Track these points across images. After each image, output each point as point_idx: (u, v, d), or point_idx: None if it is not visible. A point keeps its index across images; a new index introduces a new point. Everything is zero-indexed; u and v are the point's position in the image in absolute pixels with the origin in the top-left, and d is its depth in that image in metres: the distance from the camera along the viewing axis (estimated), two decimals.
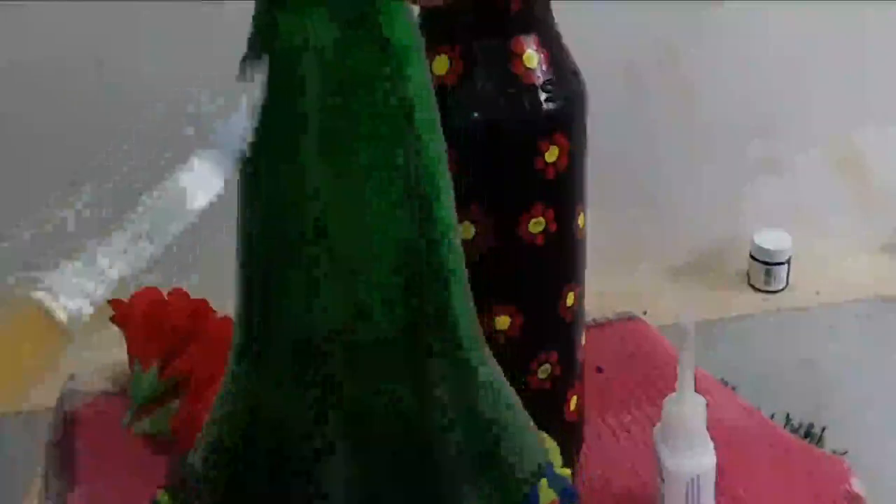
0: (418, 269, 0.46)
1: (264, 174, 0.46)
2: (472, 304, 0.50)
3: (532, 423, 0.54)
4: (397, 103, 0.45)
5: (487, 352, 0.51)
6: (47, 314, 0.36)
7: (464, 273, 0.49)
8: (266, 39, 0.44)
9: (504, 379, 0.52)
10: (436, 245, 0.47)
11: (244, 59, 0.45)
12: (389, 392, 0.47)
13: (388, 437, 0.47)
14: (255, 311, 0.48)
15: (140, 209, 0.39)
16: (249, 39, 0.45)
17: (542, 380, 0.65)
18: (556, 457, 0.54)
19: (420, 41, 0.46)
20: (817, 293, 1.31)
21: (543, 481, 0.51)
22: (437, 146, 0.47)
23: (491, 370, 0.51)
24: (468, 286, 0.49)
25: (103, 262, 0.38)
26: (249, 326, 0.48)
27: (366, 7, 0.44)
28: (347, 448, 0.47)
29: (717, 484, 0.64)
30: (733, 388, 0.88)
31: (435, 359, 0.47)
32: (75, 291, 0.37)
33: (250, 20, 0.45)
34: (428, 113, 0.46)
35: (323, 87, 0.44)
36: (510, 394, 0.52)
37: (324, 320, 0.46)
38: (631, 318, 0.89)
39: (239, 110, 0.41)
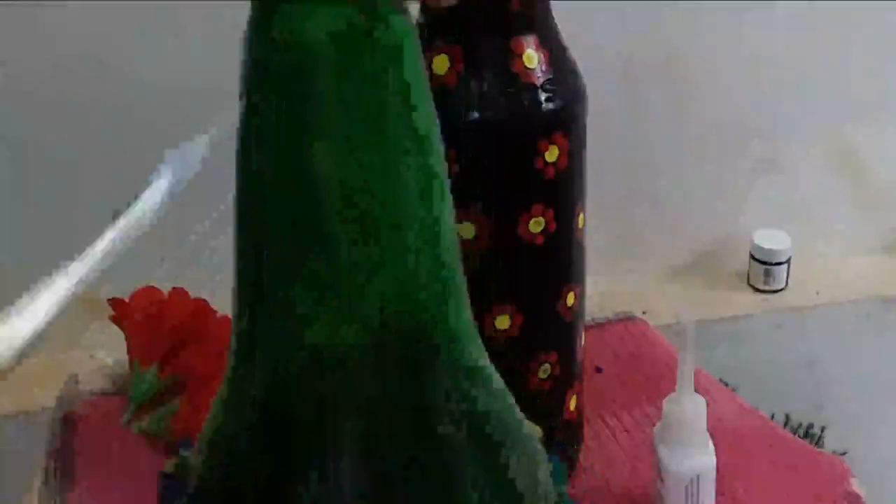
0: (412, 271, 0.46)
1: (254, 173, 0.45)
2: (467, 311, 0.49)
3: (536, 430, 0.53)
4: (384, 101, 0.44)
5: (484, 358, 0.51)
6: None
7: (456, 277, 0.47)
8: (262, 34, 0.44)
9: (500, 388, 0.51)
10: (428, 252, 0.46)
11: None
12: (390, 394, 0.47)
13: (389, 438, 0.47)
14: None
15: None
16: (245, 36, 0.45)
17: (541, 380, 0.65)
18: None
19: (415, 39, 0.45)
20: (817, 293, 1.31)
21: None
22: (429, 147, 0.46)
23: (486, 377, 0.50)
24: (462, 288, 0.48)
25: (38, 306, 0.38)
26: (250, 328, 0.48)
27: (359, 4, 0.43)
28: (352, 448, 0.46)
29: (716, 484, 0.64)
30: (733, 389, 0.88)
31: (434, 363, 0.47)
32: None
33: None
34: (418, 111, 0.45)
35: (323, 84, 0.43)
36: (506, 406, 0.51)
37: (322, 322, 0.46)
38: (631, 318, 0.89)
39: (194, 139, 0.41)
